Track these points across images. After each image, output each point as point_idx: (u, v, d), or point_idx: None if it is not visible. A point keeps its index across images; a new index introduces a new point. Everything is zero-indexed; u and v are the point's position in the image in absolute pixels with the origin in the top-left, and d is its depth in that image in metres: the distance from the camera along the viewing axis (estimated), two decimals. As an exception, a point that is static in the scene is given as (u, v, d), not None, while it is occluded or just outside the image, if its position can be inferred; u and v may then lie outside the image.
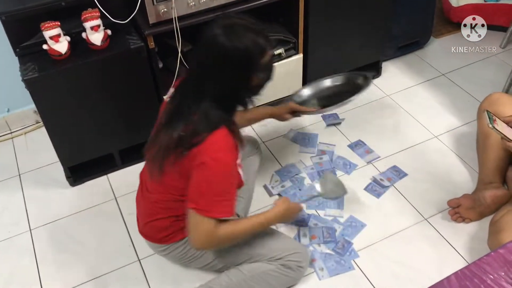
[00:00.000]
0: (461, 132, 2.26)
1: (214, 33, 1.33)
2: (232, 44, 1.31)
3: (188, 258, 1.63)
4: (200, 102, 1.38)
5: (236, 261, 1.61)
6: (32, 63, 1.78)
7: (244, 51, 1.32)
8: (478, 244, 1.79)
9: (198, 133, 1.36)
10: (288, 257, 1.60)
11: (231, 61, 1.34)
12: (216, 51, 1.34)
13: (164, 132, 1.43)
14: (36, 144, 2.33)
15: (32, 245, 1.90)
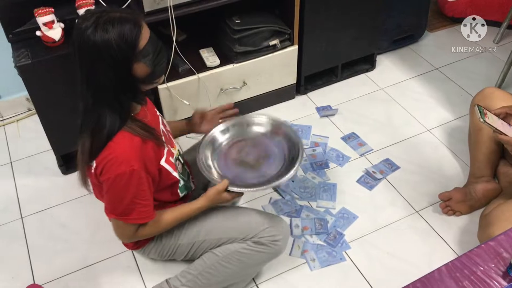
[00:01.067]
0: (454, 126, 2.27)
1: (82, 29, 1.23)
2: (99, 38, 1.21)
3: (167, 255, 1.63)
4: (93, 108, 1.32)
5: (211, 247, 1.58)
6: (25, 49, 1.77)
7: (113, 43, 1.22)
8: (468, 237, 1.81)
9: (95, 146, 1.32)
10: (260, 234, 1.53)
11: (103, 57, 1.23)
12: (86, 48, 1.24)
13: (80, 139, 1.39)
14: (28, 131, 2.31)
15: (24, 232, 1.89)
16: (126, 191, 1.34)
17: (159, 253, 1.63)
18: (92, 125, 1.32)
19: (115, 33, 1.22)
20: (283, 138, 1.64)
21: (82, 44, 1.23)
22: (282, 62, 2.26)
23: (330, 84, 2.52)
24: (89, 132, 1.33)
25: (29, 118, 2.38)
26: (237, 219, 1.58)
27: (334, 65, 2.48)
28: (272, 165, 1.59)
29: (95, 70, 1.26)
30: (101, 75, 1.26)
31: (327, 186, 2.00)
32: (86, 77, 1.29)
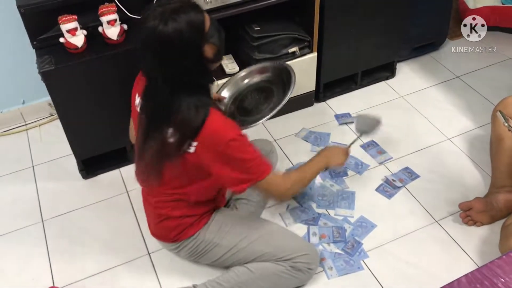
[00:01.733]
0: (475, 135, 2.24)
1: (150, 28, 1.28)
2: (173, 30, 1.27)
3: (198, 254, 1.65)
4: (174, 98, 1.36)
5: (246, 259, 1.61)
6: (49, 56, 1.80)
7: (185, 30, 1.28)
8: (489, 247, 1.78)
9: (194, 128, 1.36)
10: (298, 259, 1.59)
11: (180, 46, 1.29)
12: (163, 44, 1.29)
13: (153, 139, 1.41)
14: (50, 136, 2.35)
15: (44, 236, 1.92)
16: (244, 150, 1.41)
17: (192, 250, 1.63)
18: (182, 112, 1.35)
19: (184, 22, 1.27)
20: (272, 72, 1.93)
21: (156, 39, 1.28)
22: (301, 69, 2.26)
23: (350, 91, 2.51)
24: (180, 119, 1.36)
25: (51, 123, 2.42)
26: (282, 238, 1.64)
27: (353, 72, 2.47)
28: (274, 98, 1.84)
29: (172, 61, 1.31)
30: (179, 64, 1.32)
31: (345, 194, 1.99)
32: (162, 71, 1.33)
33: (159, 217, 1.61)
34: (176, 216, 1.58)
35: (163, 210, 1.59)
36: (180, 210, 1.57)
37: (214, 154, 1.39)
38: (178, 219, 1.58)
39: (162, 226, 1.62)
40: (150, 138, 1.42)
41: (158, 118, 1.40)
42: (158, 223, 1.63)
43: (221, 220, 1.63)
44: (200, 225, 1.60)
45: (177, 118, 1.36)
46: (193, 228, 1.60)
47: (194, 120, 1.36)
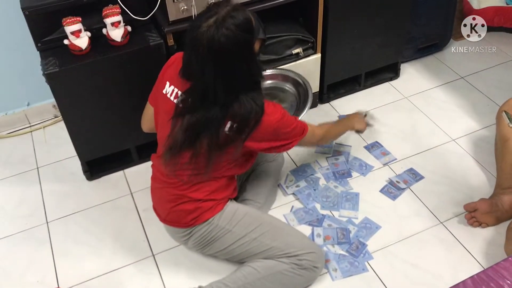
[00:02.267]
0: (479, 136, 2.24)
1: (207, 41, 1.34)
2: (229, 35, 1.33)
3: (208, 241, 1.64)
4: (231, 103, 1.43)
5: (253, 251, 1.62)
6: (53, 57, 1.81)
7: (239, 32, 1.35)
8: (495, 249, 1.77)
9: (253, 120, 1.45)
10: (304, 256, 1.60)
11: (237, 50, 1.37)
12: (221, 50, 1.35)
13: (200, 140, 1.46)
14: (55, 138, 2.36)
15: (49, 237, 1.93)
16: (289, 118, 1.56)
17: (203, 237, 1.64)
18: (246, 106, 1.43)
19: (233, 28, 1.34)
20: (292, 83, 2.09)
21: (214, 45, 1.34)
22: (305, 71, 2.25)
23: (353, 92, 2.50)
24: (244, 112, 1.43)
25: (55, 125, 2.43)
26: (290, 235, 1.67)
27: (357, 73, 2.47)
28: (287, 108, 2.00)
29: (235, 65, 1.40)
30: (237, 68, 1.40)
31: (349, 195, 1.99)
32: (221, 73, 1.39)
33: (177, 200, 1.61)
34: (196, 198, 1.59)
35: (183, 192, 1.60)
36: (202, 193, 1.59)
37: (265, 136, 1.51)
38: (197, 202, 1.60)
39: (179, 209, 1.62)
40: (199, 140, 1.46)
41: (212, 125, 1.44)
42: (174, 207, 1.63)
43: (235, 208, 1.65)
44: (217, 210, 1.62)
45: (236, 113, 1.43)
46: (209, 213, 1.61)
47: (257, 113, 1.45)
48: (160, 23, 1.88)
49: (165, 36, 1.87)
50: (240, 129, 1.46)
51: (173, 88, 1.55)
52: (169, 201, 1.64)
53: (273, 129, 1.50)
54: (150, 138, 2.12)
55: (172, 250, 1.84)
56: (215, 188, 1.61)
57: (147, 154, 2.18)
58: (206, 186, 1.60)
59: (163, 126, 1.59)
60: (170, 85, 1.56)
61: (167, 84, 1.57)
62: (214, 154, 1.49)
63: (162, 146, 1.58)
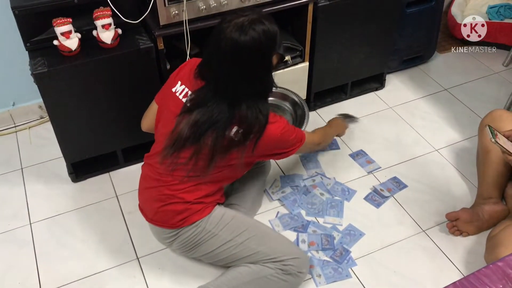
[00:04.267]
0: (462, 147, 2.28)
1: (232, 36, 1.39)
2: (253, 39, 1.39)
3: (194, 244, 1.64)
4: (240, 104, 1.47)
5: (238, 256, 1.63)
6: (42, 58, 1.80)
7: (263, 40, 1.40)
8: (475, 258, 1.81)
9: (257, 129, 1.49)
10: (289, 261, 1.61)
11: (256, 54, 1.43)
12: (241, 51, 1.40)
13: (206, 137, 1.49)
14: (40, 139, 2.34)
15: (32, 238, 1.91)
16: (288, 134, 1.60)
17: (189, 239, 1.63)
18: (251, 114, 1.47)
19: (261, 32, 1.40)
20: (289, 102, 2.18)
21: (236, 48, 1.39)
22: (293, 78, 2.28)
23: (340, 101, 2.53)
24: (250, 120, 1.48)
25: (40, 126, 2.41)
26: (275, 240, 1.69)
27: (343, 82, 2.50)
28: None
29: (250, 67, 1.44)
30: (255, 71, 1.46)
31: (334, 203, 2.01)
32: (238, 78, 1.45)
33: (167, 200, 1.61)
34: (186, 200, 1.60)
35: (174, 192, 1.60)
36: (193, 195, 1.60)
37: (267, 145, 1.55)
38: (186, 204, 1.60)
39: (167, 209, 1.61)
40: (204, 137, 1.49)
41: (220, 121, 1.48)
42: (162, 206, 1.62)
43: (223, 212, 1.66)
44: (205, 213, 1.62)
45: (242, 118, 1.47)
46: (197, 215, 1.61)
47: (261, 122, 1.49)
48: (151, 27, 1.89)
49: (155, 40, 1.88)
50: (245, 135, 1.49)
51: (184, 87, 1.58)
52: (158, 200, 1.63)
53: (277, 139, 1.56)
54: (137, 141, 2.13)
55: (156, 253, 1.84)
56: (207, 193, 1.62)
57: (133, 157, 2.18)
58: (198, 190, 1.60)
59: (166, 124, 1.60)
60: (181, 85, 1.59)
61: (179, 83, 1.60)
62: (217, 155, 1.51)
63: (161, 144, 1.59)
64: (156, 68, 1.95)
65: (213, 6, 1.89)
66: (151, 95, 2.01)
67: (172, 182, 1.60)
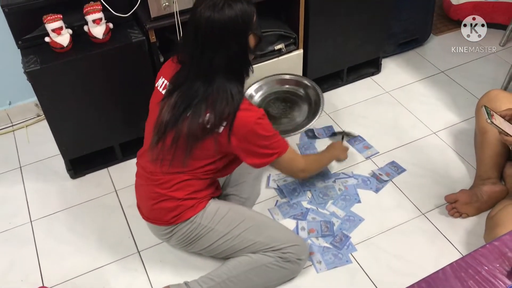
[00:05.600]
0: (460, 129, 2.28)
1: (206, 15, 1.38)
2: (227, 16, 1.38)
3: (191, 239, 1.65)
4: (213, 81, 1.45)
5: (237, 247, 1.63)
6: (34, 55, 1.80)
7: (238, 17, 1.39)
8: (475, 239, 1.81)
9: (227, 113, 1.45)
10: (287, 249, 1.62)
11: (230, 32, 1.40)
12: (214, 28, 1.39)
13: (183, 119, 1.47)
14: (37, 137, 2.34)
15: (33, 236, 1.92)
16: (266, 130, 1.52)
17: (186, 235, 1.64)
18: (222, 95, 1.45)
19: (238, 10, 1.39)
20: (305, 89, 2.19)
21: (211, 24, 1.39)
22: (288, 66, 2.27)
23: (336, 87, 2.53)
24: (220, 102, 1.44)
25: (38, 124, 2.41)
26: (273, 229, 1.68)
27: (339, 69, 2.49)
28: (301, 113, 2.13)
29: (224, 44, 1.41)
30: (228, 49, 1.42)
31: (348, 196, 1.98)
32: (211, 54, 1.42)
33: (158, 198, 1.61)
34: (177, 197, 1.60)
35: (164, 191, 1.60)
36: (183, 192, 1.60)
37: (242, 134, 1.48)
38: (178, 201, 1.60)
39: (159, 207, 1.62)
40: (181, 120, 1.48)
41: (194, 100, 1.46)
42: (155, 204, 1.63)
43: (218, 206, 1.65)
44: (198, 208, 1.62)
45: (214, 102, 1.44)
46: (191, 211, 1.61)
47: (231, 106, 1.45)
48: (142, 20, 1.88)
49: (147, 33, 1.87)
50: (217, 121, 1.45)
51: (163, 80, 1.58)
52: (151, 198, 1.64)
53: (251, 129, 1.48)
54: (134, 135, 2.13)
55: (157, 246, 1.85)
56: (197, 188, 1.61)
57: (131, 152, 2.18)
58: (189, 186, 1.60)
59: (151, 118, 1.60)
60: (162, 78, 1.60)
61: (161, 78, 1.61)
62: (192, 144, 1.50)
63: (148, 140, 1.59)
64: (149, 61, 1.95)
65: (203, -4, 1.87)
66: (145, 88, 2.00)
67: (161, 181, 1.60)
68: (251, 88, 2.18)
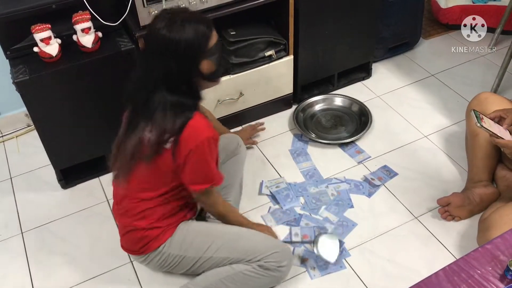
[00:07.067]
0: (451, 132, 2.28)
1: (157, 28, 1.36)
2: (175, 36, 1.34)
3: (168, 266, 1.64)
4: (154, 93, 1.40)
5: (217, 264, 1.61)
6: (23, 65, 1.79)
7: (187, 41, 1.35)
8: (468, 241, 1.81)
9: (172, 129, 1.40)
10: (267, 258, 1.58)
11: (175, 52, 1.36)
12: (160, 44, 1.37)
13: (129, 139, 1.45)
14: (28, 147, 2.33)
15: (24, 248, 1.90)
16: (212, 155, 1.46)
17: (160, 263, 1.63)
18: (169, 110, 1.40)
19: (190, 31, 1.35)
20: (357, 108, 2.40)
21: (157, 40, 1.37)
22: (278, 73, 2.27)
23: (327, 93, 2.53)
24: (166, 118, 1.40)
25: (28, 134, 2.39)
26: (247, 241, 1.62)
27: (330, 74, 2.49)
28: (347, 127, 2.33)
29: (163, 61, 1.37)
30: (171, 68, 1.38)
31: (341, 201, 1.98)
32: (152, 66, 1.40)
33: (125, 228, 1.61)
34: (141, 227, 1.57)
35: (129, 220, 1.58)
36: (146, 221, 1.56)
37: (187, 149, 1.41)
38: (142, 231, 1.57)
39: (128, 238, 1.62)
40: (127, 140, 1.45)
41: (140, 114, 1.44)
42: (124, 235, 1.64)
43: (184, 232, 1.61)
44: (164, 238, 1.59)
45: (158, 117, 1.40)
46: (157, 241, 1.58)
47: (176, 121, 1.40)
48: (131, 28, 1.88)
49: (136, 41, 1.87)
50: (158, 136, 1.41)
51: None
52: (121, 228, 1.65)
53: (198, 143, 1.41)
54: (125, 144, 2.11)
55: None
56: (161, 215, 1.57)
57: (122, 160, 2.16)
58: (152, 214, 1.56)
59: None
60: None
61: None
62: (132, 159, 1.46)
63: None
64: (140, 70, 1.94)
65: (193, 3, 1.88)
66: (135, 97, 2.00)
67: (126, 209, 1.59)
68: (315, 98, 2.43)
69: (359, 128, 2.30)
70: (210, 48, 1.41)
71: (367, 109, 2.35)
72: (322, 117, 2.39)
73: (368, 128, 2.27)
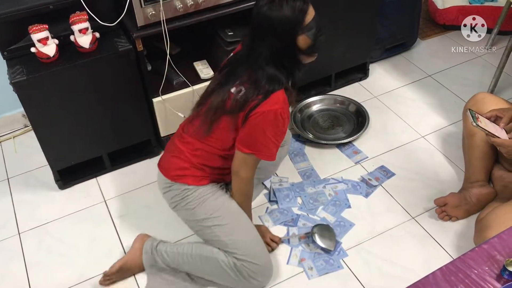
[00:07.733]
0: (448, 132, 2.29)
1: (259, 5, 1.47)
2: (274, 15, 1.44)
3: (176, 205, 1.70)
4: (255, 67, 1.51)
5: (204, 236, 1.69)
6: (20, 66, 1.78)
7: (283, 19, 1.44)
8: (465, 241, 1.81)
9: (259, 93, 1.49)
10: (244, 262, 1.60)
11: (275, 29, 1.45)
12: (260, 21, 1.47)
13: (217, 93, 1.56)
14: (25, 147, 2.32)
15: (21, 248, 1.89)
16: (271, 128, 1.51)
17: (176, 199, 1.68)
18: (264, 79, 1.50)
19: (288, 9, 1.44)
20: (354, 109, 2.39)
21: (259, 18, 1.47)
22: (276, 73, 2.27)
23: (324, 93, 2.53)
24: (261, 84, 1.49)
25: (25, 134, 2.39)
26: (244, 238, 1.65)
27: (327, 74, 2.50)
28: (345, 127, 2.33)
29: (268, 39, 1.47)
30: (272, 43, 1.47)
31: (339, 201, 1.98)
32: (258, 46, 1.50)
33: (176, 152, 1.67)
34: (190, 161, 1.65)
35: (186, 149, 1.65)
36: (198, 159, 1.64)
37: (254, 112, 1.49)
38: (189, 164, 1.65)
39: (173, 161, 1.68)
40: (218, 92, 1.56)
41: (230, 78, 1.55)
42: (171, 156, 1.69)
43: (212, 194, 1.67)
44: (198, 183, 1.66)
45: (250, 80, 1.51)
46: (191, 180, 1.65)
47: (262, 91, 1.49)
48: (129, 29, 1.88)
49: (134, 42, 1.87)
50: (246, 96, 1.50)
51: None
52: (171, 150, 1.70)
53: (269, 121, 1.49)
54: (122, 145, 2.12)
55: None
56: (214, 166, 1.65)
57: (119, 161, 2.17)
58: (209, 160, 1.64)
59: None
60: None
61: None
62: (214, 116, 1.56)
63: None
64: (137, 70, 1.94)
65: (190, 4, 1.88)
66: (133, 97, 2.01)
67: (187, 140, 1.65)
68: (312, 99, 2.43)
69: (356, 128, 2.31)
70: (308, 23, 1.47)
71: (364, 110, 2.36)
72: (319, 118, 2.39)
73: (365, 128, 2.27)
